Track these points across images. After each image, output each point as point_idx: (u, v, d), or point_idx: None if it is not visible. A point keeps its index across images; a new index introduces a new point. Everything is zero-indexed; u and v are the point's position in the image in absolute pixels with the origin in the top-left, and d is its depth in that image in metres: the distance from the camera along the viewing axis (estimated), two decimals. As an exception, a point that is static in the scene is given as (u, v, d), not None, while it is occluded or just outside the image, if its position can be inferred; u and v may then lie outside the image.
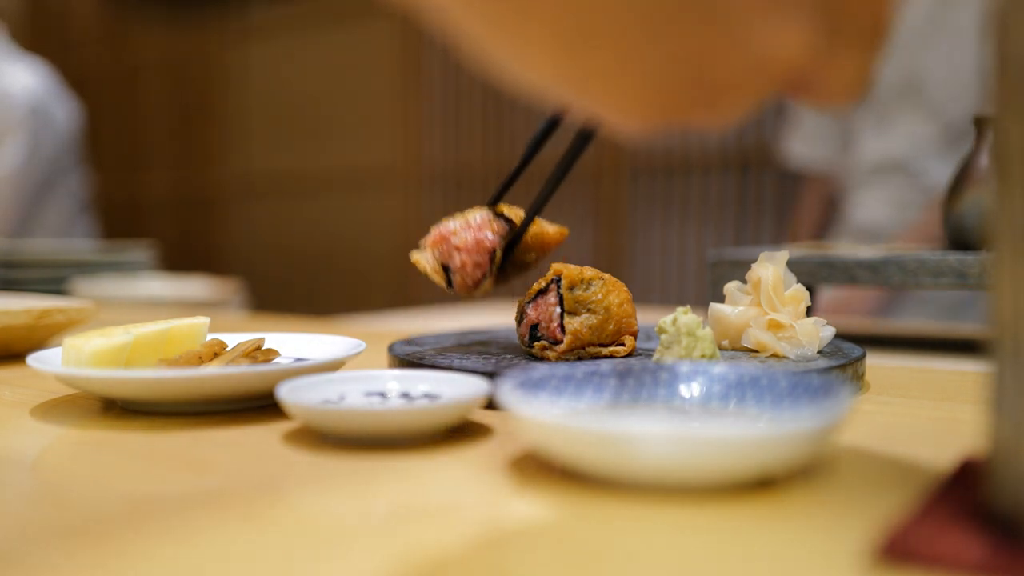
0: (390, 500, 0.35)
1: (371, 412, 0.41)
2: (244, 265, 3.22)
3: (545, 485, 0.35)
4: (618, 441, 0.32)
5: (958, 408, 0.50)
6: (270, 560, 0.28)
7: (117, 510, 0.33)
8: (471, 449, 0.41)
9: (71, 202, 2.29)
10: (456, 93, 2.74)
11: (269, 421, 0.47)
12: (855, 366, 0.55)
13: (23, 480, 0.39)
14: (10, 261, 1.43)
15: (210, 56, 3.37)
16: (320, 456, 0.40)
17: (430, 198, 2.81)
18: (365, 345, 0.55)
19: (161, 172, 3.60)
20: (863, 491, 0.34)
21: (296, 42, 3.11)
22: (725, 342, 0.59)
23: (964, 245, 0.76)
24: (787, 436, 0.32)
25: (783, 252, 0.58)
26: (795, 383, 0.40)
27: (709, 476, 0.32)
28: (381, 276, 2.96)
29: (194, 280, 1.62)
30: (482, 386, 0.44)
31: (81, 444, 0.44)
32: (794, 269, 0.71)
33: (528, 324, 0.57)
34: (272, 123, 3.21)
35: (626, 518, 0.31)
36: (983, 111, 0.78)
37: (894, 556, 0.26)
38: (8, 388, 0.58)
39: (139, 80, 3.63)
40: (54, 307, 0.71)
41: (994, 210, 0.27)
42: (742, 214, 2.35)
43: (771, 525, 0.30)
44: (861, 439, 0.42)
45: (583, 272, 0.56)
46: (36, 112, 2.15)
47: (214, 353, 0.53)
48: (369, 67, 2.92)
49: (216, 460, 0.40)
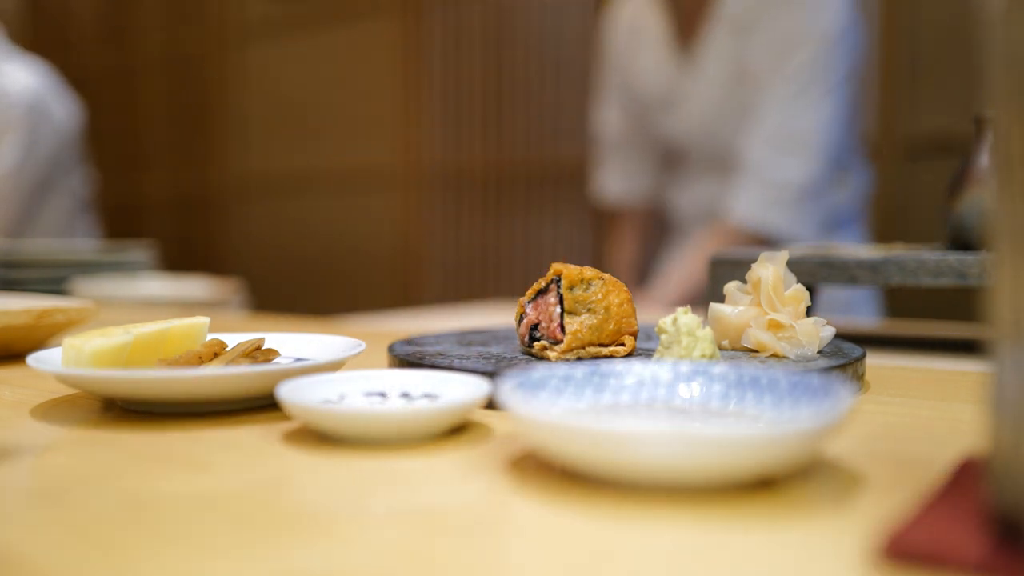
0: (390, 500, 0.35)
1: (371, 412, 0.41)
2: (244, 265, 3.22)
3: (545, 485, 0.35)
4: (618, 441, 0.32)
5: (958, 408, 0.50)
6: (270, 560, 0.28)
7: (117, 510, 0.33)
8: (471, 449, 0.41)
9: (71, 202, 2.29)
10: (456, 93, 2.74)
11: (269, 421, 0.47)
12: (855, 366, 0.55)
13: (23, 480, 0.39)
14: (10, 261, 1.43)
15: (210, 56, 3.37)
16: (320, 456, 0.40)
17: (430, 198, 2.81)
18: (365, 345, 0.55)
19: (161, 172, 3.61)
20: (863, 491, 0.34)
21: (296, 42, 3.11)
22: (725, 342, 0.59)
23: (964, 245, 0.76)
24: (787, 436, 0.32)
25: (783, 252, 0.58)
26: (795, 383, 0.40)
27: (709, 476, 0.32)
28: (381, 276, 2.96)
29: (194, 280, 1.62)
30: (482, 386, 0.44)
31: (81, 444, 0.44)
32: (794, 269, 0.72)
33: (528, 324, 0.57)
34: (272, 123, 3.21)
35: (626, 518, 0.31)
36: (983, 111, 0.78)
37: (894, 556, 0.26)
38: (8, 388, 0.58)
39: (139, 80, 3.63)
40: (54, 307, 0.71)
41: (994, 210, 0.27)
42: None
43: (771, 525, 0.30)
44: (861, 439, 0.42)
45: (583, 272, 0.56)
46: (35, 110, 2.15)
47: (214, 353, 0.53)
48: (369, 67, 2.92)
49: (216, 460, 0.40)
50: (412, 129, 2.84)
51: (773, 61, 1.38)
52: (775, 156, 1.37)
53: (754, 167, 1.38)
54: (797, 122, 1.37)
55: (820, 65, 1.36)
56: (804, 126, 1.37)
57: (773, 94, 1.38)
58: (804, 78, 1.36)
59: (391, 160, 2.89)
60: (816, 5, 1.36)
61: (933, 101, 1.96)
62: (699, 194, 1.56)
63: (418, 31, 2.78)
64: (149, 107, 3.62)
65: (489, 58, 2.66)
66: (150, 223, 3.62)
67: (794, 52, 1.36)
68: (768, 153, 1.38)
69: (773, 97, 1.38)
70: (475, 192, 2.72)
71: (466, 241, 2.75)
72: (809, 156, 1.37)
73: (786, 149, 1.37)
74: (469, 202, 2.74)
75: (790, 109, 1.37)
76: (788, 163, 1.37)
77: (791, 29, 1.37)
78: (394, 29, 2.84)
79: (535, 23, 2.58)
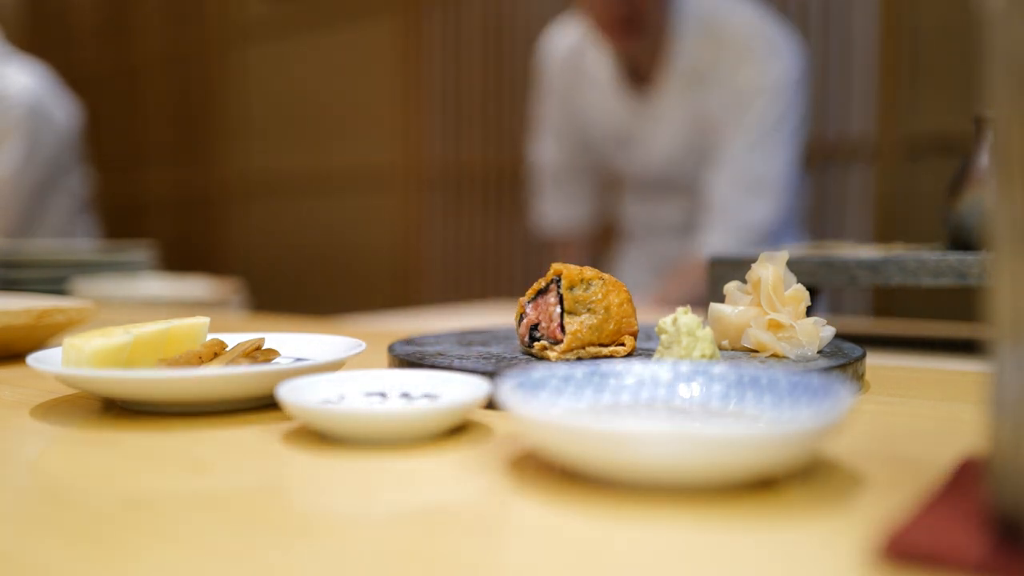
0: (390, 500, 0.35)
1: (371, 412, 0.41)
2: (244, 265, 3.22)
3: (545, 485, 0.35)
4: (618, 441, 0.32)
5: (958, 408, 0.50)
6: (270, 560, 0.28)
7: (117, 510, 0.33)
8: (471, 449, 0.41)
9: (71, 202, 2.29)
10: (456, 93, 2.74)
11: (269, 421, 0.47)
12: (855, 366, 0.55)
13: (23, 480, 0.39)
14: (10, 261, 1.43)
15: (210, 56, 3.37)
16: (320, 456, 0.40)
17: (430, 198, 2.81)
18: (365, 345, 0.55)
19: (161, 172, 3.61)
20: (863, 491, 0.34)
21: (296, 42, 3.11)
22: (725, 342, 0.59)
23: (964, 245, 0.76)
24: (787, 436, 0.32)
25: (783, 252, 0.58)
26: (795, 383, 0.40)
27: (709, 476, 0.32)
28: (381, 276, 2.96)
29: (194, 280, 1.62)
30: (482, 386, 0.44)
31: (81, 444, 0.44)
32: (794, 269, 0.72)
33: (528, 324, 0.57)
34: (272, 123, 3.21)
35: (626, 518, 0.31)
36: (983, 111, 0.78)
37: (894, 556, 0.26)
38: (8, 388, 0.58)
39: (139, 79, 3.63)
40: (54, 307, 0.71)
41: (994, 210, 0.27)
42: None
43: (771, 525, 0.30)
44: (861, 439, 0.42)
45: (583, 272, 0.56)
46: (35, 112, 2.15)
47: (214, 353, 0.53)
48: (369, 67, 2.92)
49: (216, 460, 0.40)
50: (412, 129, 2.84)
51: (732, 111, 1.46)
52: (742, 199, 1.45)
53: (721, 209, 1.46)
54: (760, 167, 1.46)
55: (777, 113, 1.45)
56: (766, 171, 1.46)
57: (735, 142, 1.46)
58: (764, 127, 1.45)
59: (391, 160, 2.89)
60: (770, 57, 1.45)
61: (933, 101, 1.96)
62: (654, 208, 1.63)
63: (418, 31, 2.78)
64: (149, 107, 3.62)
65: (489, 58, 2.66)
66: (150, 223, 3.62)
67: (752, 102, 1.45)
68: (735, 196, 1.46)
69: (735, 144, 1.46)
70: (475, 192, 2.72)
71: (466, 241, 2.75)
72: (772, 198, 1.46)
73: (752, 192, 1.45)
74: (469, 202, 2.74)
75: (753, 155, 1.45)
76: (755, 206, 1.45)
77: (747, 81, 1.45)
78: (394, 29, 2.84)
79: (535, 23, 2.58)
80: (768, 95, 1.44)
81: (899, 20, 1.98)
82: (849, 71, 2.10)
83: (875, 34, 2.01)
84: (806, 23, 2.13)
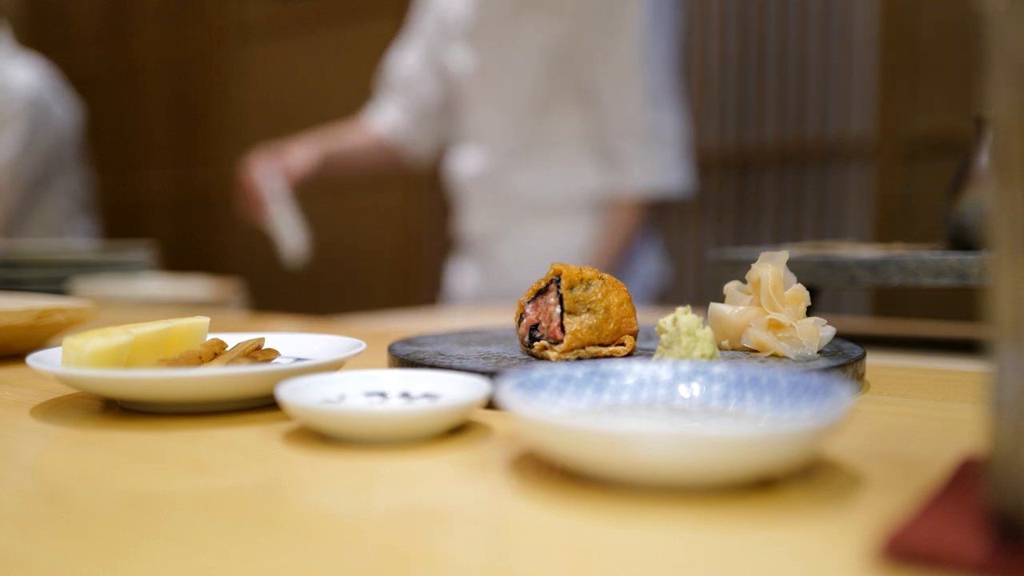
0: (390, 500, 0.35)
1: (371, 412, 0.40)
2: (244, 265, 3.22)
3: (545, 485, 0.35)
4: (618, 441, 0.32)
5: (958, 408, 0.50)
6: (270, 560, 0.28)
7: (117, 510, 0.33)
8: (471, 449, 0.41)
9: (70, 202, 2.29)
10: (456, 93, 2.74)
11: (269, 421, 0.47)
12: (855, 366, 0.55)
13: (23, 480, 0.39)
14: (10, 261, 1.43)
15: (210, 56, 3.37)
16: (320, 456, 0.40)
17: (430, 198, 2.81)
18: (365, 345, 0.55)
19: (161, 172, 3.61)
20: (863, 491, 0.34)
21: (296, 42, 3.11)
22: (725, 342, 0.59)
23: (964, 245, 0.76)
24: (787, 436, 0.32)
25: (783, 252, 0.58)
26: (795, 383, 0.40)
27: (709, 476, 0.32)
28: (381, 276, 2.96)
29: (194, 280, 1.62)
30: (482, 386, 0.44)
31: (81, 444, 0.44)
32: (794, 269, 0.72)
33: (528, 324, 0.57)
34: (272, 123, 3.21)
35: (626, 518, 0.31)
36: (983, 111, 0.78)
37: (894, 556, 0.26)
38: (8, 388, 0.58)
39: (139, 80, 3.63)
40: (54, 307, 0.71)
41: (994, 210, 0.27)
42: (742, 214, 2.35)
43: (771, 525, 0.30)
44: (861, 439, 0.42)
45: (583, 272, 0.56)
46: (34, 105, 2.16)
47: (214, 353, 0.53)
48: (369, 67, 2.92)
49: (216, 460, 0.40)
50: (412, 129, 2.83)
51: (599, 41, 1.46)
52: (656, 115, 1.47)
53: (640, 134, 1.46)
54: (657, 78, 1.48)
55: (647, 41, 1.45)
56: (663, 82, 1.48)
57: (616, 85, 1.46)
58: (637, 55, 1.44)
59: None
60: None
61: (933, 101, 1.96)
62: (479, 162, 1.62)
63: (418, 31, 2.77)
64: (149, 107, 3.62)
65: (489, 58, 2.66)
66: (150, 223, 3.62)
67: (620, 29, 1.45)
68: (649, 115, 1.46)
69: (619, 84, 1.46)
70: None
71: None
72: (676, 108, 1.50)
73: (660, 106, 1.47)
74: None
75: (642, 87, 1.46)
76: (668, 119, 1.48)
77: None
78: (394, 29, 2.84)
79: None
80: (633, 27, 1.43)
81: (899, 20, 1.98)
82: (849, 71, 2.11)
83: (875, 34, 2.01)
84: (806, 23, 2.13)
